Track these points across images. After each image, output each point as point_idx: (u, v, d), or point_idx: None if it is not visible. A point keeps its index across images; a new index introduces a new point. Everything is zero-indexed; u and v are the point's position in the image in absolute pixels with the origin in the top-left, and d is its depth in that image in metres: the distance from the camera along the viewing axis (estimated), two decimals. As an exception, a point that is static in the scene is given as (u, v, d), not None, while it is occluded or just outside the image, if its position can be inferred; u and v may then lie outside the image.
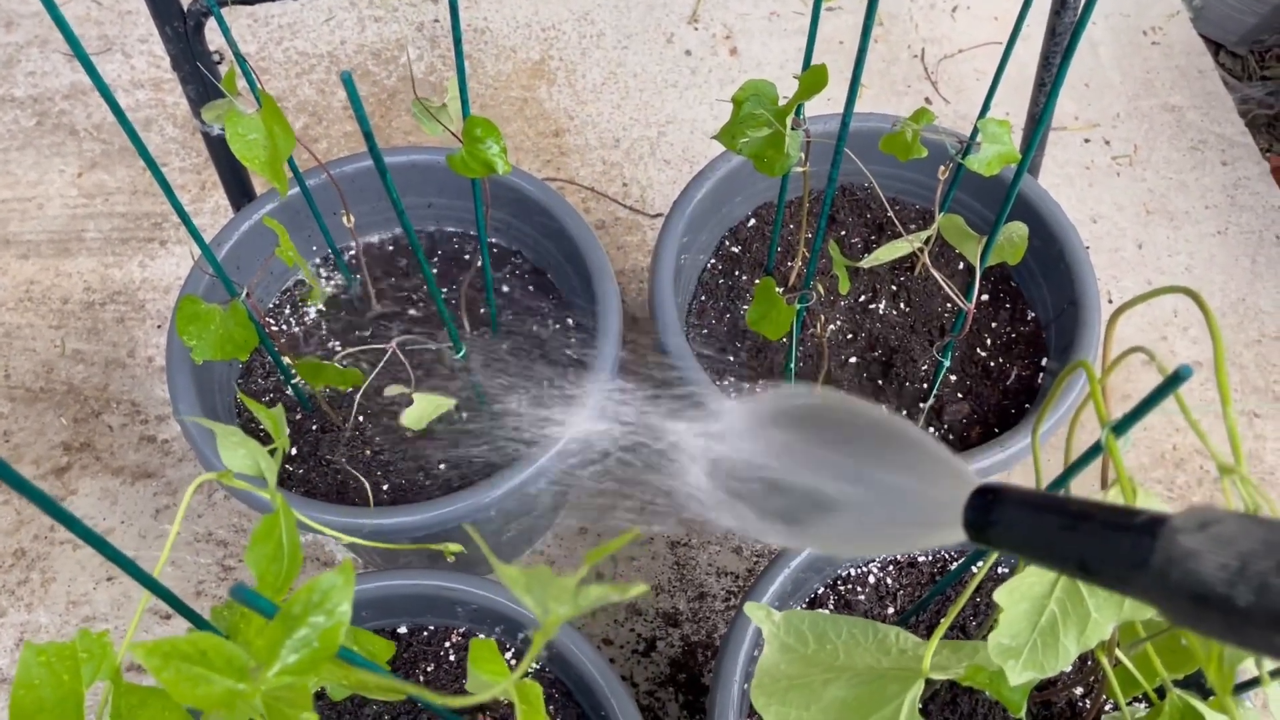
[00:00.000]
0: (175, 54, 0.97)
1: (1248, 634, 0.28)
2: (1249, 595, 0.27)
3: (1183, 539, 0.29)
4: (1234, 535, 0.28)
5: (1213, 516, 0.29)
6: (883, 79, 1.48)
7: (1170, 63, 1.50)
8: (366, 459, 0.93)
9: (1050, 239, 0.97)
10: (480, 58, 1.50)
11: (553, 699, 0.81)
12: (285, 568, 0.46)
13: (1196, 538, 0.29)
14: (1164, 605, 0.30)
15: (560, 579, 0.31)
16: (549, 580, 0.31)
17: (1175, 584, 0.29)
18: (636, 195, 1.36)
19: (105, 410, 1.19)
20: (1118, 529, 0.32)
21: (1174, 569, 0.29)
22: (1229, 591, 0.28)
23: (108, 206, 1.35)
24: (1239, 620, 0.28)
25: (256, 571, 0.45)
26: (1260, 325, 1.25)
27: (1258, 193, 1.36)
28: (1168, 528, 0.30)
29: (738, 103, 0.77)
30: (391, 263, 1.05)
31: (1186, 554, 0.29)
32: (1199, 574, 0.28)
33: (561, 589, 0.31)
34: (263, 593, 0.47)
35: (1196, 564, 0.29)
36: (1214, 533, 0.29)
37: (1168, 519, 0.30)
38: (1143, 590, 0.31)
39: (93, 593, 1.08)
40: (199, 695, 0.33)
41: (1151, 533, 0.30)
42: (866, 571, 0.86)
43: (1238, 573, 0.28)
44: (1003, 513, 0.36)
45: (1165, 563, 0.29)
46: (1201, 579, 0.28)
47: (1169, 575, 0.29)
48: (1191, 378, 1.27)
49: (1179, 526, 0.30)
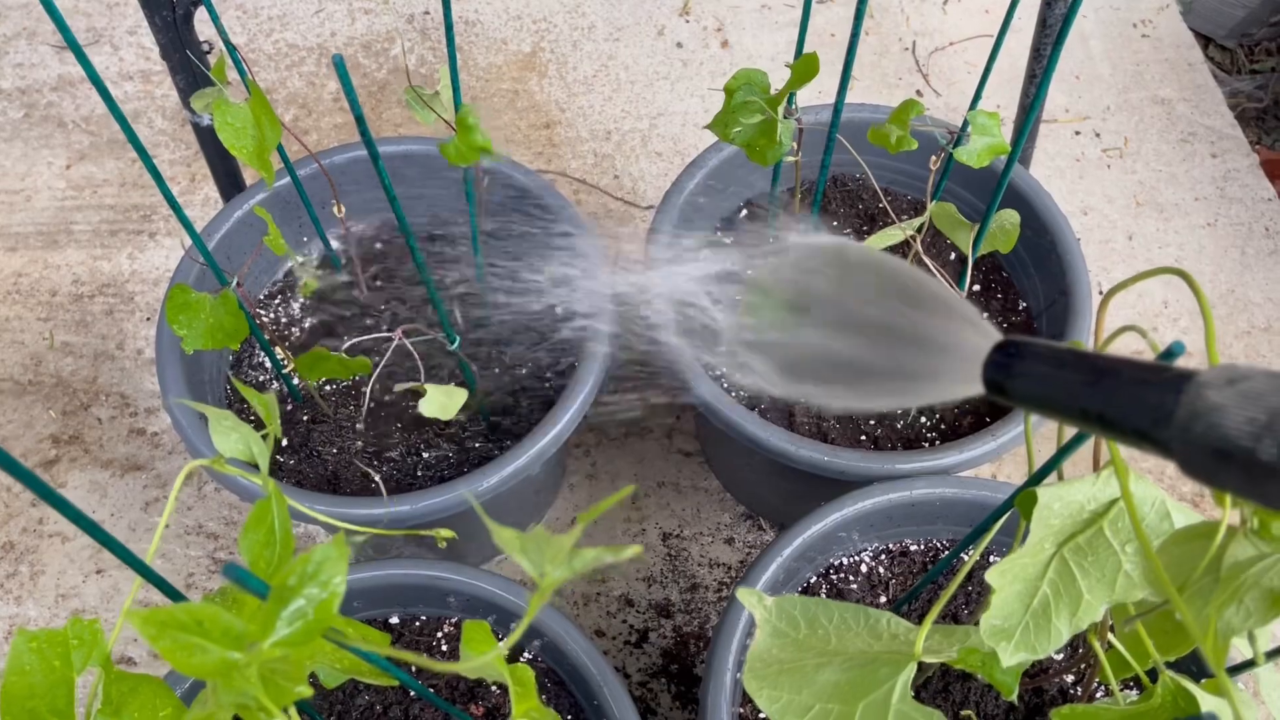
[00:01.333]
0: (164, 43, 0.96)
1: (1268, 488, 0.27)
2: (1274, 450, 0.27)
3: (1210, 393, 0.29)
4: (1262, 391, 0.28)
5: (1242, 373, 0.29)
6: (874, 71, 1.48)
7: (1160, 55, 1.50)
8: (362, 449, 0.92)
9: (1042, 230, 0.97)
10: (471, 50, 1.50)
11: (546, 689, 0.81)
12: (277, 554, 0.46)
13: (1224, 392, 0.28)
14: (1186, 460, 0.29)
15: (555, 539, 0.31)
16: (544, 542, 0.31)
17: (1199, 437, 0.29)
18: (628, 187, 1.36)
19: (94, 403, 1.18)
20: (1143, 383, 0.31)
21: (1199, 422, 0.28)
22: (1254, 445, 0.27)
23: (96, 199, 1.34)
24: (1262, 475, 0.27)
25: (249, 558, 0.45)
26: (1249, 317, 1.26)
27: (1247, 185, 1.37)
28: (1195, 382, 0.29)
29: (730, 92, 0.77)
30: (383, 253, 1.04)
31: (1212, 408, 0.28)
32: (1224, 428, 0.28)
33: (557, 550, 0.31)
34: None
35: (1222, 418, 0.28)
36: (1243, 388, 0.28)
37: (1195, 374, 0.30)
38: (1165, 445, 0.30)
39: (82, 586, 1.07)
40: (194, 664, 0.33)
41: (1178, 387, 0.30)
42: (859, 560, 0.86)
43: (1265, 427, 0.27)
44: (1024, 366, 0.35)
45: (1190, 416, 0.29)
46: (1226, 433, 0.28)
47: (1193, 429, 0.29)
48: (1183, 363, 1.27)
49: (1207, 381, 0.29)
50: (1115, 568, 0.50)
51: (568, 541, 0.33)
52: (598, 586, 1.08)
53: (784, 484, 1.03)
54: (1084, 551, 0.51)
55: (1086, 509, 0.49)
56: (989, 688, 0.79)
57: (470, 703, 0.81)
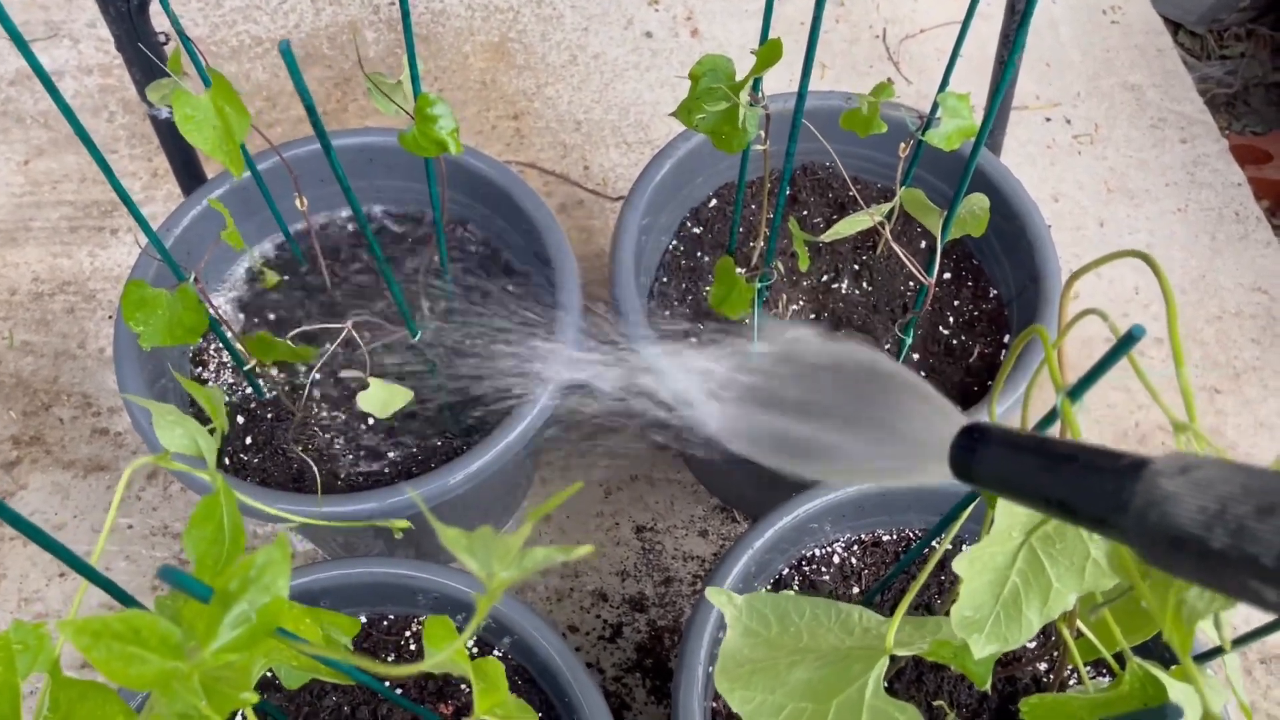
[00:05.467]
0: (119, 35, 0.94)
1: (1223, 577, 0.28)
2: (1225, 538, 0.27)
3: (1163, 482, 0.29)
4: (1213, 480, 0.29)
5: (1194, 461, 0.30)
6: (845, 59, 1.47)
7: (1130, 42, 1.50)
8: (323, 446, 0.91)
9: (1012, 216, 0.96)
10: (439, 40, 1.48)
11: (516, 686, 0.80)
12: (226, 550, 0.45)
13: (1177, 481, 0.29)
14: (1143, 547, 0.30)
15: (503, 538, 0.30)
16: (492, 541, 0.30)
17: (1154, 526, 0.29)
18: (598, 178, 1.35)
19: (55, 403, 1.16)
20: (1100, 470, 0.32)
21: (1153, 511, 0.29)
22: (1206, 534, 0.28)
23: (56, 195, 1.32)
24: (1215, 563, 0.28)
25: (195, 554, 0.44)
26: (1220, 301, 1.26)
27: (1217, 170, 1.37)
28: (1149, 470, 0.30)
29: (695, 78, 0.75)
30: (348, 245, 1.03)
31: (1166, 496, 0.29)
32: (1177, 516, 0.29)
33: (505, 550, 0.30)
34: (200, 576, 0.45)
35: (1175, 506, 0.29)
36: (1195, 477, 0.29)
37: (1150, 461, 0.30)
38: (1122, 531, 0.31)
39: (45, 589, 1.05)
40: (132, 675, 0.31)
41: (1133, 475, 0.30)
42: (831, 551, 0.85)
43: (1216, 516, 0.28)
44: (987, 452, 0.36)
45: (1145, 505, 0.30)
46: (1179, 521, 0.29)
47: (1148, 517, 0.29)
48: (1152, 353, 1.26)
49: (1160, 470, 0.30)
50: (1084, 555, 0.50)
51: (516, 541, 0.32)
52: (571, 582, 1.07)
53: (757, 475, 1.02)
54: (1052, 540, 0.50)
55: (1054, 497, 0.49)
56: (962, 677, 0.79)
57: (440, 701, 0.79)
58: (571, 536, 1.09)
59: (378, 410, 0.67)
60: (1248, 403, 1.18)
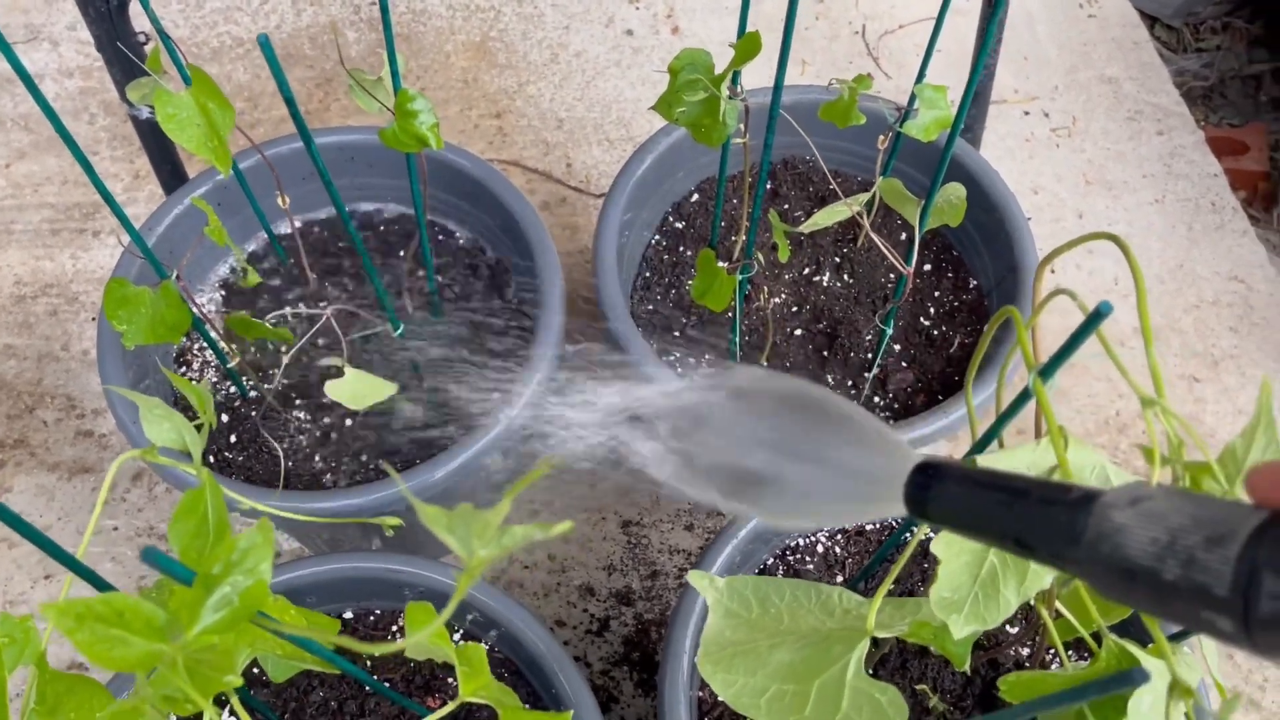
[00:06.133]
0: (99, 35, 0.94)
1: (1174, 607, 0.28)
2: (1176, 569, 0.28)
3: (1114, 514, 0.30)
4: (1164, 511, 0.29)
5: (1144, 493, 0.30)
6: (825, 56, 1.48)
7: (1106, 35, 1.52)
8: (309, 442, 0.91)
9: (990, 207, 0.97)
10: (420, 39, 1.48)
11: (503, 678, 0.80)
12: (210, 544, 0.45)
13: (1127, 513, 0.29)
14: (1096, 579, 0.30)
15: (483, 515, 0.31)
16: (472, 519, 0.31)
17: (1106, 558, 0.29)
18: (581, 175, 1.35)
19: (39, 405, 1.16)
20: (1052, 504, 0.32)
21: (1105, 543, 0.29)
22: (1157, 565, 0.28)
23: (37, 197, 1.32)
24: (1167, 594, 0.28)
25: (179, 548, 0.44)
26: (1198, 290, 1.27)
27: (1193, 161, 1.38)
28: (1100, 503, 0.30)
29: (674, 72, 0.76)
30: (332, 243, 1.03)
31: (1117, 529, 0.29)
32: (1128, 548, 0.29)
33: (485, 527, 0.30)
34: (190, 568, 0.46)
35: (1126, 538, 0.29)
36: (1145, 509, 0.29)
37: (1100, 494, 0.31)
38: (1076, 565, 0.31)
39: (30, 592, 1.05)
40: (115, 657, 0.32)
41: (1085, 508, 0.31)
42: (815, 541, 0.86)
43: (1166, 547, 0.28)
44: (941, 489, 0.36)
45: (1097, 538, 0.30)
46: (1130, 553, 0.29)
47: (1100, 549, 0.30)
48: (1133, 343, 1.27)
49: (1111, 502, 0.30)
50: (1060, 535, 0.50)
51: (495, 518, 0.32)
52: (558, 577, 1.07)
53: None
54: (1029, 520, 0.51)
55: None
56: (947, 662, 0.80)
57: (427, 695, 0.80)
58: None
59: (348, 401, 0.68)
60: (1226, 390, 1.20)
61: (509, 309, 0.98)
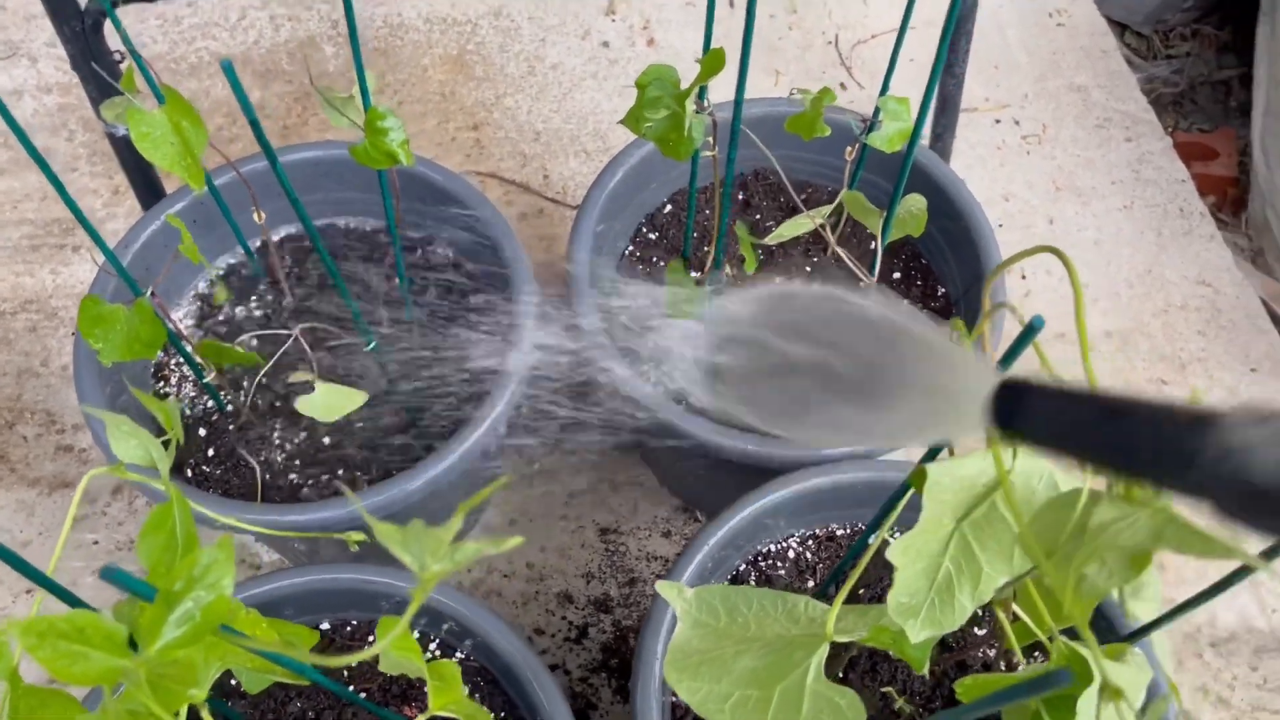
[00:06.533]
0: (74, 54, 0.95)
1: None
2: None
3: (1240, 433, 0.28)
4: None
5: (1272, 412, 0.29)
6: (798, 66, 1.50)
7: (1075, 43, 1.54)
8: (286, 455, 0.92)
9: (956, 215, 0.99)
10: (397, 53, 1.49)
11: (479, 688, 0.81)
12: (179, 558, 0.46)
13: (1253, 431, 0.28)
14: (1216, 499, 0.29)
15: (435, 532, 0.32)
16: (425, 535, 0.32)
17: (1230, 476, 0.28)
18: (558, 187, 1.37)
19: (19, 421, 1.16)
20: (1163, 423, 0.31)
21: (1230, 461, 0.28)
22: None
23: (16, 214, 1.32)
24: None
25: (148, 563, 0.45)
26: (1166, 295, 1.29)
27: (1161, 167, 1.40)
28: (1223, 421, 0.29)
29: (641, 87, 0.77)
30: (308, 258, 1.04)
31: (1244, 446, 0.28)
32: (1258, 467, 0.28)
33: (437, 544, 0.31)
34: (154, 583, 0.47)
35: (1254, 457, 0.28)
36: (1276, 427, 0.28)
37: (1222, 413, 0.30)
38: (1193, 484, 0.30)
39: (12, 606, 1.06)
40: (77, 672, 0.33)
41: (1204, 426, 0.29)
42: (786, 546, 0.87)
43: None
44: (1034, 404, 0.34)
45: (1220, 455, 0.29)
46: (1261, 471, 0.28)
47: (1223, 468, 0.28)
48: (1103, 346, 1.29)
49: (1235, 420, 0.29)
50: (1011, 540, 0.52)
51: (447, 534, 0.33)
52: (537, 585, 1.08)
53: (718, 475, 1.04)
54: (981, 526, 0.52)
55: (979, 483, 0.51)
56: (915, 665, 0.81)
57: (404, 704, 0.81)
58: (536, 540, 1.11)
59: (319, 414, 0.69)
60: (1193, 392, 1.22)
61: (483, 320, 0.99)
